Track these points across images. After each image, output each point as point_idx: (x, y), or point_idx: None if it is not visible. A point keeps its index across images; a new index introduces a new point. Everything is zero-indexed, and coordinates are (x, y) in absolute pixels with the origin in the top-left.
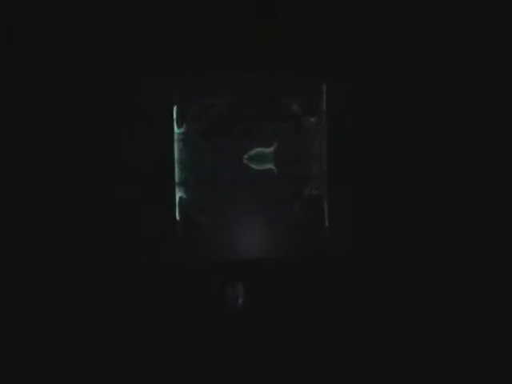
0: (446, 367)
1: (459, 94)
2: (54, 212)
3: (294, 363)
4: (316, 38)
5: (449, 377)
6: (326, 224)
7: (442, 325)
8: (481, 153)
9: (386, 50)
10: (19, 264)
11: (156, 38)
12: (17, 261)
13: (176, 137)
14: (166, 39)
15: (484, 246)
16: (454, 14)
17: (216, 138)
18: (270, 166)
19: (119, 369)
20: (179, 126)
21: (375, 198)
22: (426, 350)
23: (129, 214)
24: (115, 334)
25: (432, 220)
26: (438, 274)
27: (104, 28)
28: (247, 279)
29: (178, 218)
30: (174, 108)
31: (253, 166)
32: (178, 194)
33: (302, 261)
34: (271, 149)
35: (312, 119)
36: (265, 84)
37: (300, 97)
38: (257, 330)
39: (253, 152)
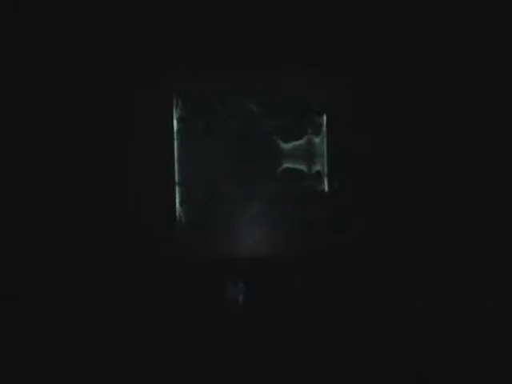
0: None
1: (460, 94)
2: (53, 212)
3: (294, 361)
4: (318, 38)
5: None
6: (326, 222)
7: (442, 323)
8: (483, 153)
9: (386, 50)
10: (17, 265)
11: (156, 37)
12: (15, 263)
13: (176, 136)
14: (167, 39)
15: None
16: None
17: (216, 137)
18: (271, 165)
19: (118, 368)
20: (179, 125)
21: (376, 197)
22: (426, 349)
23: (129, 212)
24: (115, 332)
25: (433, 220)
26: (438, 272)
27: (104, 27)
28: (248, 277)
29: (178, 216)
30: (174, 108)
31: (254, 164)
32: (178, 192)
33: (302, 259)
34: (271, 148)
35: (313, 118)
36: (265, 83)
37: (301, 95)
38: (257, 328)
39: (253, 151)
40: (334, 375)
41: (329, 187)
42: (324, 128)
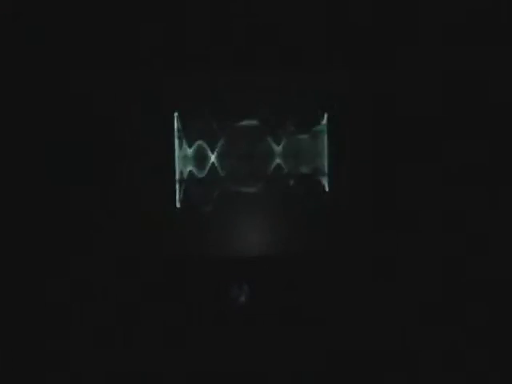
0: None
1: (460, 96)
2: (54, 209)
3: (296, 361)
4: (317, 36)
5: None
6: (327, 221)
7: (441, 321)
8: (483, 154)
9: (387, 50)
10: (15, 262)
11: (157, 37)
12: (14, 260)
13: (176, 134)
14: (167, 39)
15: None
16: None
17: (216, 135)
18: (272, 163)
19: (118, 368)
20: (179, 123)
21: (376, 196)
22: (426, 346)
23: (130, 211)
24: (114, 330)
25: (433, 219)
26: (438, 271)
27: (104, 28)
28: (249, 276)
29: (178, 216)
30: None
31: (254, 163)
32: (179, 190)
33: (303, 258)
34: (273, 146)
35: (313, 116)
36: (266, 82)
37: (303, 94)
38: (259, 328)
39: (254, 149)
40: (334, 375)
41: (329, 187)
42: (325, 127)
